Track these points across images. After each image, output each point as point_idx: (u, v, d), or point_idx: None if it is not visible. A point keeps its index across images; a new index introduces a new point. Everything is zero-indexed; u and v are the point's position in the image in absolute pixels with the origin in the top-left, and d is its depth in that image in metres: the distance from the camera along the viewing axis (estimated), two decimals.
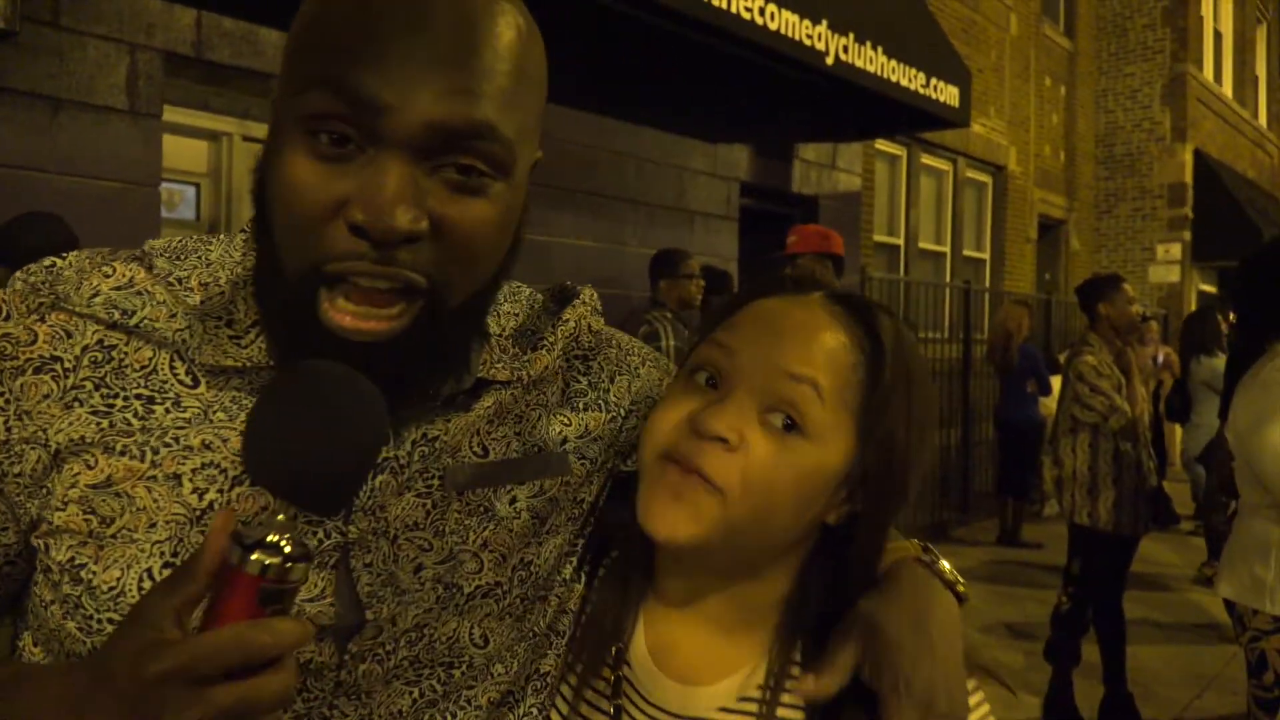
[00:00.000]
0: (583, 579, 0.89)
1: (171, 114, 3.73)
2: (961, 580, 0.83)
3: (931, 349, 7.37)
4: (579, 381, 0.87)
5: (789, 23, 4.65)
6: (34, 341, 0.71)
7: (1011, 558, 6.63)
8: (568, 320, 0.86)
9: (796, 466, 0.75)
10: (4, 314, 0.72)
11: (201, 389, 0.72)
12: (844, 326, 0.78)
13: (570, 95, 4.79)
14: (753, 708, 0.79)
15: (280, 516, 0.60)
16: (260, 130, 4.13)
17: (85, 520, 0.70)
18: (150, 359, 0.72)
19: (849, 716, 0.74)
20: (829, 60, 4.89)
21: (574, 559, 0.87)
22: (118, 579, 0.69)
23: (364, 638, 0.74)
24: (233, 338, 0.72)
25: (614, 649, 0.85)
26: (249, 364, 0.72)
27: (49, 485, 0.70)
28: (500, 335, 0.81)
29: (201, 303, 0.73)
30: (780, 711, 0.78)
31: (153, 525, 0.69)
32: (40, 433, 0.70)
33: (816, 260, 4.11)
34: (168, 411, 0.71)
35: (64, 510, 0.70)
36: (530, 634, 0.83)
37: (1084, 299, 4.07)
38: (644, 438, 0.79)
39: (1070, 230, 11.61)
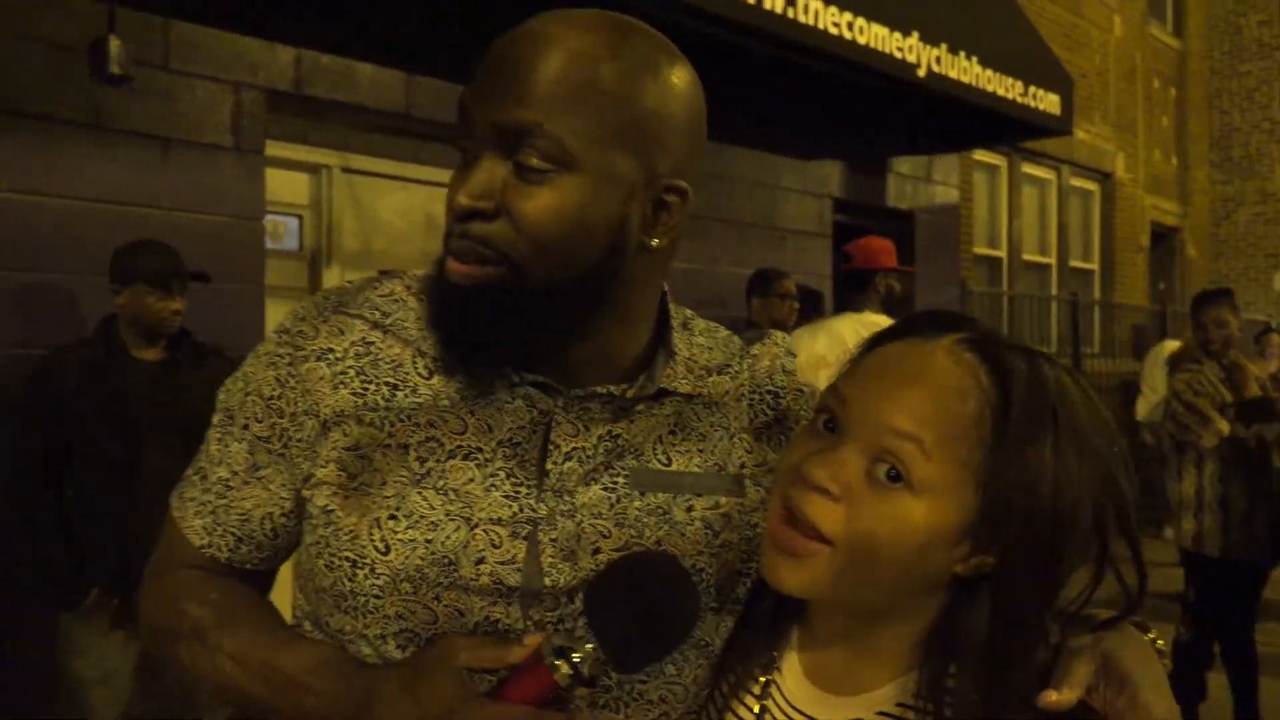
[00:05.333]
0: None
1: (273, 148, 3.87)
2: (1168, 656, 0.82)
3: None
4: (767, 415, 0.96)
5: (879, 36, 4.57)
6: (316, 336, 0.90)
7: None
8: (759, 356, 0.99)
9: (899, 520, 0.74)
10: (301, 316, 0.92)
11: (434, 380, 0.88)
12: (967, 373, 0.75)
13: None
14: (910, 715, 0.79)
15: (589, 647, 0.75)
16: (359, 161, 4.25)
17: (338, 475, 0.86)
18: (398, 354, 0.89)
19: None
20: (921, 72, 4.79)
21: (747, 581, 0.93)
22: (355, 524, 0.85)
23: (543, 607, 0.85)
24: None
25: (768, 658, 0.88)
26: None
27: (317, 448, 0.88)
28: (689, 358, 0.93)
29: None
30: None
31: (384, 484, 0.85)
32: (315, 406, 0.88)
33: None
34: (406, 397, 0.87)
35: (325, 467, 0.87)
36: (703, 643, 0.90)
37: None
38: (774, 482, 0.82)
39: (1185, 237, 11.10)
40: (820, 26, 4.28)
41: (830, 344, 3.48)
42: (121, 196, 3.40)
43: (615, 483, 0.87)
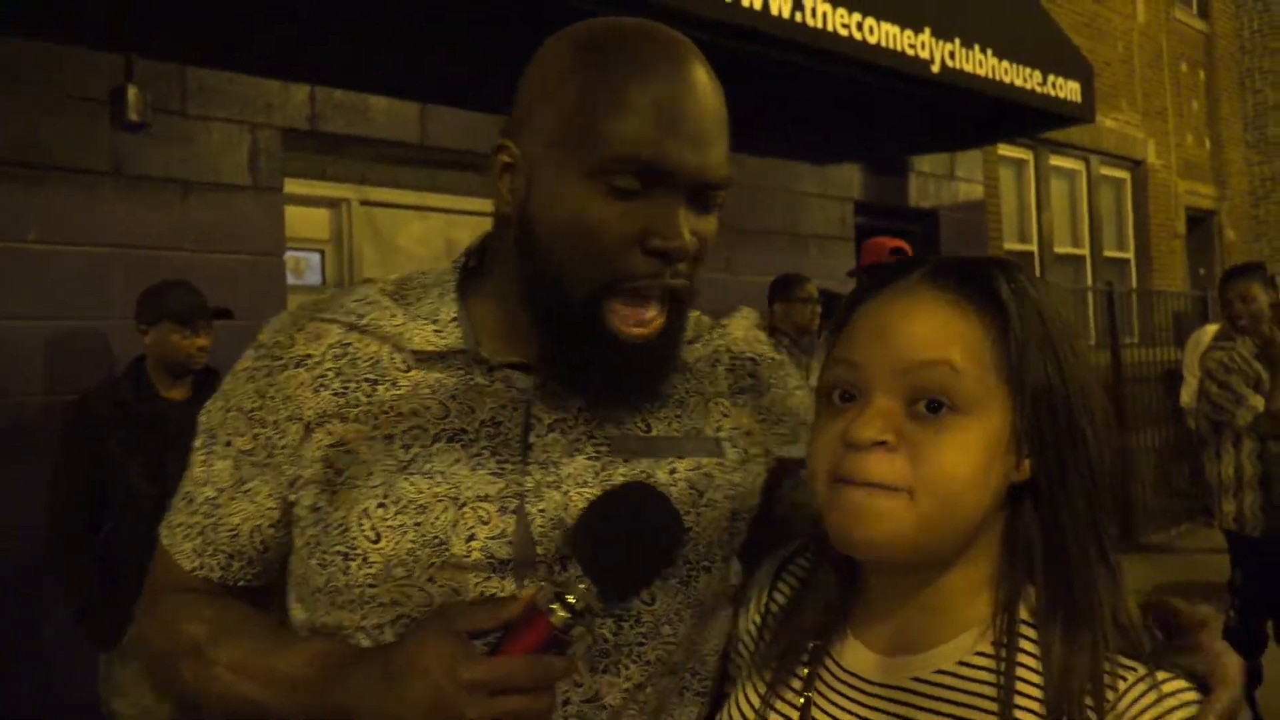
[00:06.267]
0: (773, 582, 0.96)
1: (292, 185, 3.93)
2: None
3: None
4: (745, 380, 1.02)
5: (889, 35, 4.55)
6: (293, 345, 0.93)
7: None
8: (729, 327, 1.04)
9: (960, 442, 0.75)
10: (276, 328, 0.96)
11: (413, 372, 0.91)
12: (956, 293, 0.78)
13: None
14: (978, 673, 0.77)
15: (582, 586, 0.79)
16: (376, 194, 4.30)
17: (325, 472, 0.89)
18: (375, 352, 0.92)
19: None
20: (935, 68, 4.76)
21: (735, 540, 0.97)
22: (344, 517, 0.87)
23: (537, 576, 0.87)
24: (436, 331, 0.92)
25: (812, 645, 0.87)
26: (447, 349, 0.91)
27: (302, 451, 0.90)
28: None
29: (411, 306, 0.94)
30: (1019, 671, 0.76)
31: (370, 475, 0.87)
32: (297, 411, 0.90)
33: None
34: (387, 390, 0.90)
35: (311, 467, 0.89)
36: (697, 602, 0.93)
37: None
38: (811, 469, 0.82)
39: (1224, 220, 10.88)
40: (829, 29, 4.27)
41: None
42: (145, 240, 3.46)
43: (598, 451, 0.91)
